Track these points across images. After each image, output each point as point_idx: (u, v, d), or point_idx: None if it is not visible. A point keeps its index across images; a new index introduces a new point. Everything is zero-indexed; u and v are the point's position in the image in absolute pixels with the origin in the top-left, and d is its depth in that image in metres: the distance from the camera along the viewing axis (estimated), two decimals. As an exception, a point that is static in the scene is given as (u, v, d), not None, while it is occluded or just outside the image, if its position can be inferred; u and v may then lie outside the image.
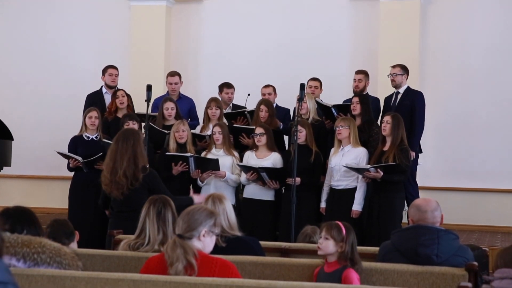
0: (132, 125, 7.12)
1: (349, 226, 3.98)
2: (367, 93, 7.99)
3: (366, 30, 9.64)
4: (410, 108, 7.55)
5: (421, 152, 7.89)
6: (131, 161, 5.44)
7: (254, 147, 7.15)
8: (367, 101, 7.41)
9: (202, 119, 8.02)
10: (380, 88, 8.59)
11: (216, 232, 3.59)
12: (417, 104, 7.61)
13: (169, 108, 7.62)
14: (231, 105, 8.33)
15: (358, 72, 8.14)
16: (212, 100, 7.76)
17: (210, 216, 3.57)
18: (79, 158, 7.16)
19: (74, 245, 4.32)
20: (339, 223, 3.97)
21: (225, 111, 7.94)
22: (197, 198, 5.65)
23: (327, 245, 3.88)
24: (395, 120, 6.73)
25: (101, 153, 7.09)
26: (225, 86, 8.34)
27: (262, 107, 7.48)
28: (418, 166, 7.90)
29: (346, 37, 9.75)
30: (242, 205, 7.12)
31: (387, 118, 6.77)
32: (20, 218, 3.52)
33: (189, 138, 7.16)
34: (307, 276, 3.90)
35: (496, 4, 9.39)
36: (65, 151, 7.38)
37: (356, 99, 7.37)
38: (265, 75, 9.05)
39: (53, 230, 4.25)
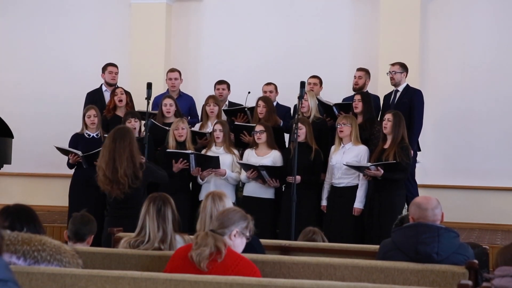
0: (134, 122, 7.15)
1: None
2: (367, 91, 7.99)
3: (367, 28, 9.63)
4: (408, 106, 7.54)
5: (419, 150, 7.88)
6: (130, 160, 5.47)
7: (254, 144, 7.15)
8: (369, 99, 7.41)
9: (200, 116, 8.03)
10: (381, 87, 8.58)
11: (247, 235, 3.72)
12: (415, 102, 7.60)
13: (168, 105, 7.61)
14: (227, 102, 8.33)
15: (359, 69, 8.15)
16: (210, 97, 7.76)
17: (244, 218, 3.74)
18: (79, 152, 7.17)
19: (82, 245, 4.34)
20: None
21: (222, 108, 7.95)
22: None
23: None
24: (396, 118, 6.72)
25: (101, 148, 7.09)
26: (216, 83, 8.37)
27: (260, 102, 7.49)
28: (417, 164, 7.89)
29: (347, 35, 9.74)
30: (242, 203, 7.11)
31: (388, 116, 6.77)
32: (20, 216, 3.51)
33: (189, 136, 7.16)
34: (308, 274, 3.89)
35: (496, 2, 9.39)
36: (65, 147, 7.38)
37: (358, 97, 7.36)
38: (266, 73, 9.05)
39: (74, 226, 4.36)
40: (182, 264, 3.56)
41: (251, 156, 7.09)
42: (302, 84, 6.57)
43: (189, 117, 8.03)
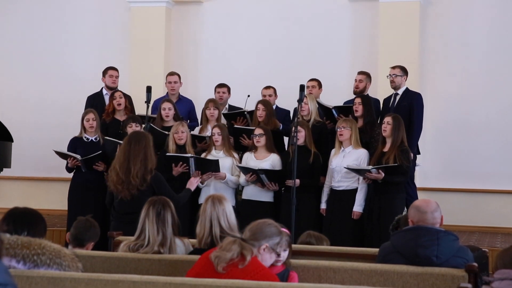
0: (135, 127, 7.14)
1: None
2: (368, 94, 7.99)
3: (366, 31, 9.64)
4: (408, 110, 7.54)
5: (418, 153, 7.88)
6: (143, 163, 5.50)
7: (253, 148, 7.15)
8: (370, 102, 7.42)
9: (200, 120, 8.03)
10: (380, 89, 8.59)
11: (279, 251, 3.65)
12: (415, 106, 7.60)
13: (167, 109, 7.61)
14: (227, 106, 8.33)
15: (360, 72, 8.16)
16: (210, 101, 7.76)
17: (278, 234, 3.67)
18: (78, 156, 7.16)
19: (81, 250, 4.33)
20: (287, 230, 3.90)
21: (222, 112, 7.95)
22: (192, 184, 6.16)
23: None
24: (395, 121, 6.73)
25: (100, 152, 7.09)
26: (217, 86, 8.38)
27: (259, 106, 7.49)
28: (416, 168, 7.89)
29: (346, 38, 9.75)
30: (241, 207, 7.11)
31: (388, 119, 6.78)
32: (17, 220, 3.50)
33: (188, 140, 7.16)
34: (308, 277, 3.90)
35: (495, 5, 9.40)
36: (64, 151, 7.37)
37: (358, 100, 7.37)
38: (265, 77, 9.05)
39: (75, 230, 4.35)
40: (204, 263, 3.54)
41: (250, 160, 7.09)
42: (302, 87, 6.57)
43: (188, 121, 8.03)
